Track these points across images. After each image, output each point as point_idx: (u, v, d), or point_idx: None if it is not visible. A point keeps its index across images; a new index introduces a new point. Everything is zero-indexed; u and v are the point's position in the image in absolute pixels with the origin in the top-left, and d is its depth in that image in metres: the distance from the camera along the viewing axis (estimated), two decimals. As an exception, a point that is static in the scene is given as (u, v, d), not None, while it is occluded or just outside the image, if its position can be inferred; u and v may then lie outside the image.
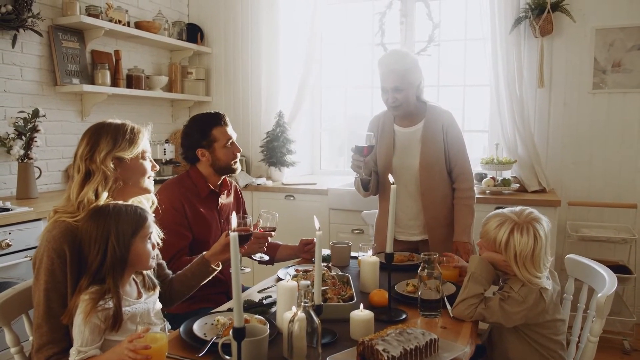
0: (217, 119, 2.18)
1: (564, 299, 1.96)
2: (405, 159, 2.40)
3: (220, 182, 2.25)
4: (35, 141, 3.01)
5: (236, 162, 2.23)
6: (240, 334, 1.13)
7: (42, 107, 3.07)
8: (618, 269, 2.99)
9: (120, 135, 1.54)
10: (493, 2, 3.52)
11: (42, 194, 3.17)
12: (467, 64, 3.99)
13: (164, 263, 1.79)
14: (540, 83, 3.57)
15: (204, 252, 1.83)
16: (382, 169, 2.45)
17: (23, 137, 2.98)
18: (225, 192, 2.30)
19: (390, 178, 1.72)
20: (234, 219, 1.20)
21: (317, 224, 1.42)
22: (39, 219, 2.61)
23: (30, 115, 2.99)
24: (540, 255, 1.59)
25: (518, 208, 1.68)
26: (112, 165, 1.50)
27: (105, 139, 1.52)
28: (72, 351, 1.32)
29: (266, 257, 2.16)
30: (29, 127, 2.99)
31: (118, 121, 1.60)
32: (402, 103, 2.32)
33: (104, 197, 1.47)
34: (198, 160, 2.19)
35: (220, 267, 1.83)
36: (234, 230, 1.12)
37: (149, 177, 1.64)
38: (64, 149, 3.42)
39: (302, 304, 1.21)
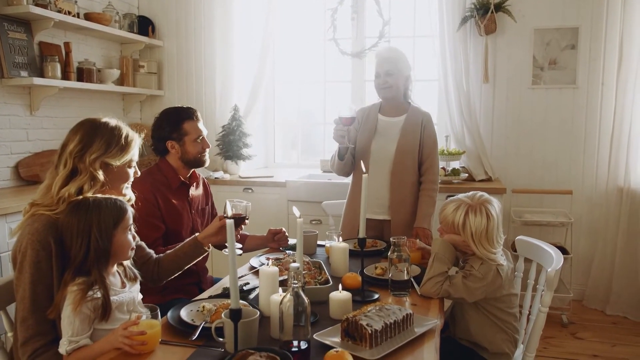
0: (189, 113, 2.22)
1: (515, 277, 2.15)
2: (384, 143, 2.57)
3: (189, 174, 2.29)
4: (-16, 136, 2.89)
5: (205, 155, 2.26)
6: (237, 315, 1.20)
7: (-12, 101, 2.96)
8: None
9: (114, 141, 1.55)
10: (441, 0, 3.71)
11: (-9, 191, 3.06)
12: (416, 59, 4.16)
13: (143, 244, 1.83)
14: (485, 78, 3.81)
15: (196, 234, 1.89)
16: (360, 151, 2.61)
17: (-30, 132, 2.86)
18: (195, 183, 2.33)
19: (362, 167, 1.83)
20: (228, 205, 1.26)
21: (296, 212, 1.50)
22: (-6, 217, 2.53)
23: (-23, 109, 2.88)
24: (494, 232, 1.77)
25: (470, 193, 1.87)
26: (100, 170, 1.51)
27: (99, 141, 1.53)
28: (63, 342, 1.33)
29: (239, 245, 2.21)
30: (-24, 121, 2.87)
31: (113, 122, 1.60)
32: (392, 86, 2.55)
33: (86, 194, 1.48)
34: (168, 152, 2.21)
35: (210, 249, 1.91)
36: (229, 217, 1.19)
37: (128, 184, 1.66)
38: (12, 145, 3.29)
39: (292, 284, 1.28)
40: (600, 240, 3.68)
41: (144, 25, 4.27)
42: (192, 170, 2.30)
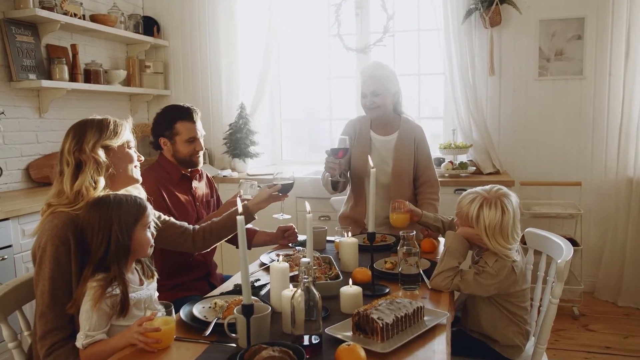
0: (185, 114, 2.23)
1: (525, 270, 2.14)
2: (379, 164, 2.55)
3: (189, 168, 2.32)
4: (-5, 139, 2.93)
5: (197, 156, 2.27)
6: (249, 310, 1.21)
7: (-2, 104, 2.99)
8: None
9: (104, 127, 1.60)
10: (445, -6, 3.70)
11: (3, 193, 3.09)
12: (421, 53, 4.16)
13: (171, 219, 1.93)
14: (490, 71, 3.79)
15: (246, 202, 2.00)
16: (357, 172, 2.60)
17: (-19, 136, 2.89)
18: (197, 176, 2.37)
19: (370, 161, 1.83)
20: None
21: (307, 207, 1.51)
22: (7, 219, 2.55)
23: (-12, 113, 2.91)
24: (509, 226, 1.73)
25: (489, 186, 1.83)
26: (102, 153, 1.54)
27: (91, 131, 1.57)
28: (80, 335, 1.36)
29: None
30: (-13, 125, 2.90)
31: (99, 116, 1.65)
32: (380, 106, 2.50)
33: (101, 184, 1.51)
34: (162, 148, 2.26)
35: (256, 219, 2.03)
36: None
37: (135, 166, 1.68)
38: (22, 147, 3.32)
39: (303, 279, 1.29)
40: (610, 231, 3.66)
41: (149, 26, 4.29)
42: None
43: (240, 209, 1.25)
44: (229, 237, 2.03)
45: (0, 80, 3.18)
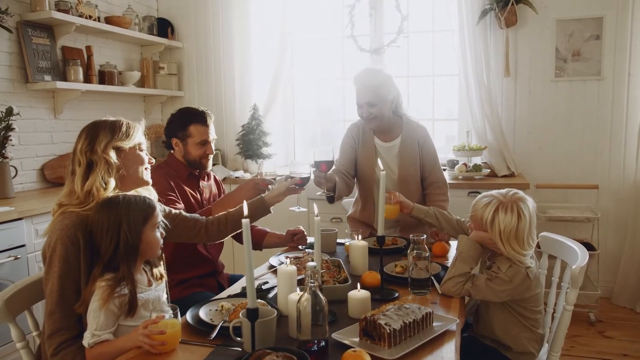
0: (199, 117, 2.27)
1: (539, 274, 2.10)
2: (385, 171, 2.47)
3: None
4: (10, 140, 2.96)
5: (207, 160, 2.31)
6: (253, 314, 1.20)
7: (13, 105, 3.01)
8: (583, 246, 3.17)
9: (117, 128, 1.61)
10: (460, -6, 3.66)
11: (18, 193, 3.12)
12: (435, 54, 4.12)
13: (181, 212, 1.93)
14: (506, 72, 3.74)
15: (262, 195, 2.04)
16: (364, 176, 2.56)
17: (-3, 136, 2.92)
18: (205, 176, 2.40)
19: (380, 164, 1.81)
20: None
21: (315, 210, 1.49)
22: (20, 219, 2.58)
23: (3, 114, 2.94)
24: (524, 232, 1.67)
25: (505, 190, 1.78)
26: (113, 154, 1.54)
27: (104, 131, 1.59)
28: (87, 334, 1.36)
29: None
30: (2, 125, 2.93)
31: (112, 118, 1.66)
32: (377, 116, 2.41)
33: (111, 185, 1.52)
34: (173, 148, 2.31)
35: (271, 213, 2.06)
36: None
37: (146, 169, 1.69)
38: (37, 147, 3.36)
39: (309, 284, 1.27)
40: (628, 236, 3.58)
41: (164, 27, 4.32)
42: None
43: (245, 211, 1.24)
44: (237, 230, 2.05)
45: (17, 82, 3.22)
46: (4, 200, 2.90)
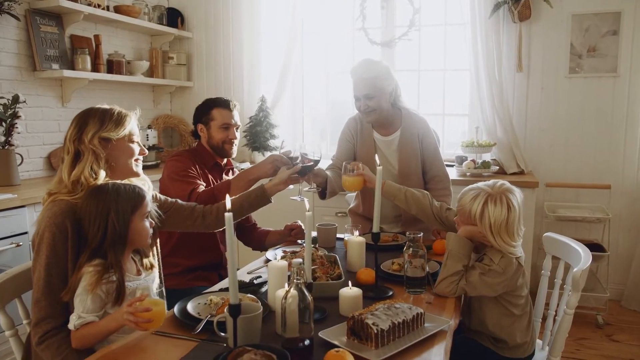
0: (222, 102, 2.33)
1: (541, 275, 2.05)
2: (384, 166, 2.41)
3: (224, 161, 2.41)
4: (16, 127, 2.97)
5: (230, 145, 2.33)
6: (235, 310, 1.17)
7: (21, 93, 3.02)
8: (593, 247, 3.11)
9: (107, 117, 1.58)
10: (473, -13, 3.57)
11: (24, 180, 3.14)
12: (447, 48, 4.03)
13: (178, 201, 1.91)
14: (518, 67, 3.65)
15: (263, 184, 1.98)
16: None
17: (3, 124, 2.94)
18: (230, 170, 2.44)
19: (377, 160, 1.77)
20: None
21: (307, 205, 1.46)
22: (23, 206, 2.60)
23: (10, 102, 2.95)
24: (515, 224, 1.64)
25: (491, 181, 1.72)
26: (99, 145, 1.52)
27: (93, 120, 1.56)
28: (73, 316, 1.36)
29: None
30: (9, 113, 2.95)
31: (106, 106, 1.63)
32: (375, 109, 2.35)
33: (101, 175, 1.51)
34: (199, 136, 2.35)
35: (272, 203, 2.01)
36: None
37: (136, 160, 1.66)
38: (44, 135, 3.38)
39: (295, 281, 1.24)
40: (641, 238, 3.49)
41: (173, 17, 4.30)
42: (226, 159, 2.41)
43: (228, 205, 1.21)
44: (244, 217, 2.08)
45: (24, 70, 3.23)
46: (9, 187, 2.91)
